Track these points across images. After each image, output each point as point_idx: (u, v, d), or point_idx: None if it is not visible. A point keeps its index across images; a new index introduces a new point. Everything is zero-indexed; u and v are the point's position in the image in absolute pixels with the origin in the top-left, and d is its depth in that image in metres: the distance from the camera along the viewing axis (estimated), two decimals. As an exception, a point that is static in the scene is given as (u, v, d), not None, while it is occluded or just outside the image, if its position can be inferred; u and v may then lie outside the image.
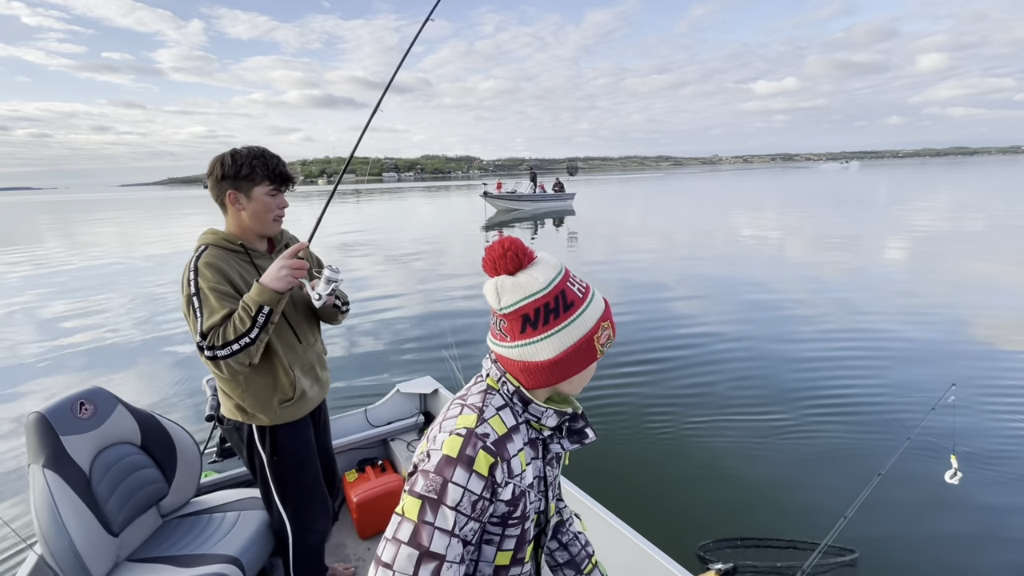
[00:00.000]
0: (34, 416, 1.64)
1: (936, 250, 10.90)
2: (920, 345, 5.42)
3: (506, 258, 0.85)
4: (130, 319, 7.70)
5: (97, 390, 1.81)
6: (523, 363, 0.85)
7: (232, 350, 1.44)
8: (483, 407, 0.86)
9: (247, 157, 1.55)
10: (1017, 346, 5.29)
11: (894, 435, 3.60)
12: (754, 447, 3.59)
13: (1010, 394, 4.19)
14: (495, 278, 0.86)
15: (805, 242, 12.69)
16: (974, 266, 9.25)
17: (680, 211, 23.92)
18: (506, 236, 0.87)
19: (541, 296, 0.84)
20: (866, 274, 8.90)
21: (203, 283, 1.49)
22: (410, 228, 19.79)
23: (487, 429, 0.83)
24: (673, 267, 10.09)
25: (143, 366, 5.74)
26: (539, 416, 0.89)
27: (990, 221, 15.65)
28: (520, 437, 0.87)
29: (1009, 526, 2.69)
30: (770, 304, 7.18)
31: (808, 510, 2.88)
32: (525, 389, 0.88)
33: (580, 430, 0.95)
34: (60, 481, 1.60)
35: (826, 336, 5.79)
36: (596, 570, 1.18)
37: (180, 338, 6.61)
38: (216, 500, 2.02)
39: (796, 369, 4.91)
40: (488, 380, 0.91)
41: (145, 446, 1.88)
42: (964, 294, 7.38)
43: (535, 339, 0.84)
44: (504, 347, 0.88)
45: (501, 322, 0.87)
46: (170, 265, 12.50)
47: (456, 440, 0.80)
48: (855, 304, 7.07)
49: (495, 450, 0.81)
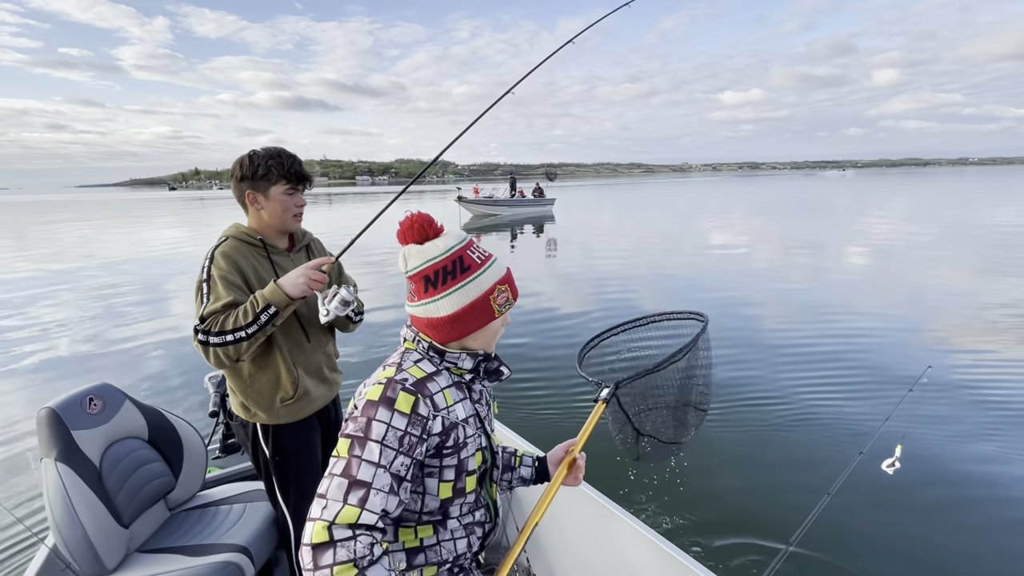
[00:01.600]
0: (45, 411, 1.67)
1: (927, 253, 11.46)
2: (890, 337, 5.82)
3: (413, 229, 0.99)
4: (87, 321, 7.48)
5: (105, 386, 1.85)
6: (428, 319, 0.98)
7: (224, 340, 1.47)
8: (400, 362, 0.99)
9: (264, 158, 1.62)
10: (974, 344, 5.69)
11: (867, 423, 3.85)
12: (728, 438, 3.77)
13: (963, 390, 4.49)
14: (405, 246, 1.00)
15: (826, 251, 12.71)
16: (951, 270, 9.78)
17: (675, 218, 23.97)
18: (417, 212, 1.00)
19: (439, 260, 0.97)
20: (864, 270, 9.44)
21: (215, 271, 1.54)
22: (386, 233, 19.61)
23: (405, 375, 0.95)
24: (676, 279, 9.93)
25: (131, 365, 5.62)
26: (455, 361, 1.01)
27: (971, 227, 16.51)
28: (442, 379, 0.99)
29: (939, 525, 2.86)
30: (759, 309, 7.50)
31: (786, 495, 3.03)
32: (437, 343, 1.00)
33: (496, 369, 1.07)
34: (72, 474, 1.64)
35: (799, 330, 6.14)
36: (525, 457, 1.28)
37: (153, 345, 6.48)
38: (222, 493, 2.06)
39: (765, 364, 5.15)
40: (405, 344, 1.04)
41: (152, 440, 1.92)
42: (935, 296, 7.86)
43: (435, 298, 0.97)
44: (412, 307, 1.01)
45: (410, 284, 1.00)
46: (131, 267, 12.13)
47: (377, 388, 0.92)
48: (830, 301, 7.52)
49: (414, 389, 0.93)
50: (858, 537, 2.74)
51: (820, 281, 9.21)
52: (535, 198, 26.94)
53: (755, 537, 2.73)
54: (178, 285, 10.14)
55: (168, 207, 47.11)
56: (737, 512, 2.97)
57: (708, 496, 3.12)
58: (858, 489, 2.80)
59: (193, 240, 18.59)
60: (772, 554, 1.99)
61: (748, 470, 3.43)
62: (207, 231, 21.58)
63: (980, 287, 8.34)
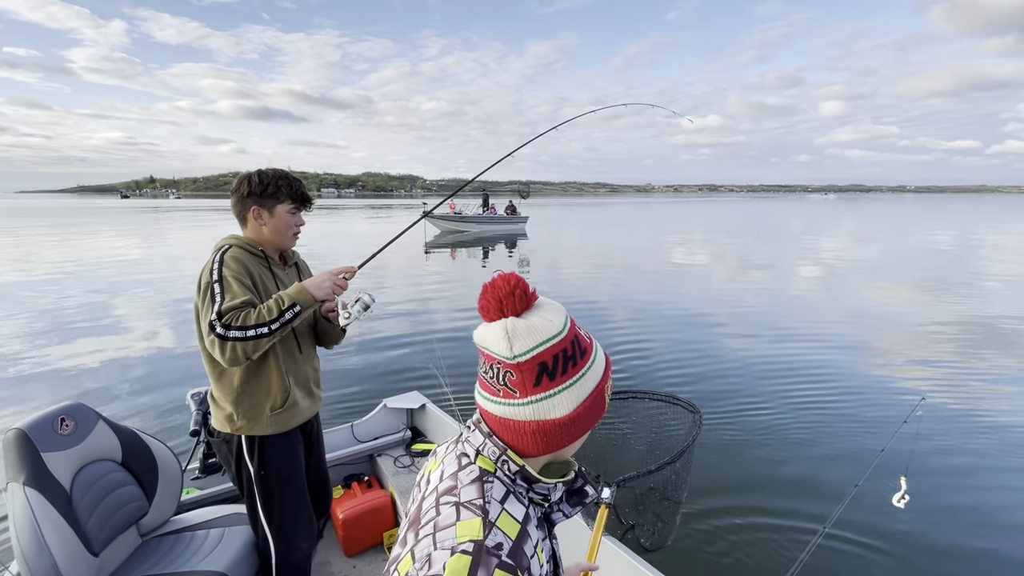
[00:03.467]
0: (14, 433, 1.58)
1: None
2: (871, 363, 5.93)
3: (514, 296, 0.73)
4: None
5: (78, 405, 1.77)
6: (536, 423, 0.72)
7: (246, 335, 1.48)
8: (486, 505, 0.69)
9: (273, 178, 1.69)
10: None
11: (862, 451, 3.85)
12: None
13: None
14: (501, 320, 0.73)
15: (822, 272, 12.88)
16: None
17: (656, 238, 23.60)
18: (508, 272, 0.76)
19: (560, 340, 0.73)
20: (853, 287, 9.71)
21: (227, 271, 1.56)
22: (351, 246, 19.11)
23: (498, 537, 0.66)
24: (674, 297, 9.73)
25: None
26: (546, 493, 0.76)
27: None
28: (532, 528, 0.72)
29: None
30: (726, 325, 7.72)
31: (779, 532, 2.95)
32: (529, 464, 0.75)
33: (580, 489, 0.83)
34: (41, 499, 1.55)
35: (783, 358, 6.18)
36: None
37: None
38: (199, 517, 1.98)
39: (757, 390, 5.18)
40: (480, 462, 0.74)
41: (126, 463, 1.84)
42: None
43: (552, 392, 0.72)
44: (510, 405, 0.73)
45: (507, 374, 0.72)
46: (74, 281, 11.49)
47: (462, 560, 0.62)
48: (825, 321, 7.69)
49: (512, 563, 0.65)
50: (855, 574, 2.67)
51: (822, 308, 9.05)
52: (508, 215, 26.42)
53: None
54: (129, 300, 9.66)
55: (118, 215, 44.80)
56: (729, 551, 2.88)
57: (699, 534, 3.02)
58: (855, 524, 2.79)
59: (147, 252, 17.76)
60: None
61: (740, 509, 3.31)
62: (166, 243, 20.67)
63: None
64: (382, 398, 3.01)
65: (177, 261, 15.55)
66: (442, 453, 0.81)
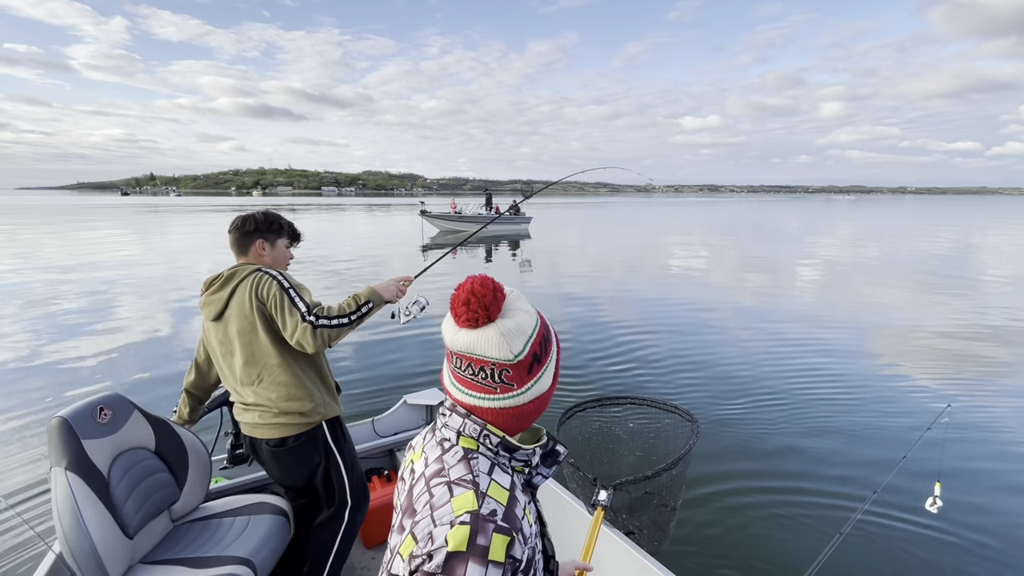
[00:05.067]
0: (57, 420, 1.66)
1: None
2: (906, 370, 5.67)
3: (496, 300, 0.75)
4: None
5: (115, 395, 1.84)
6: (533, 402, 0.78)
7: (331, 324, 1.76)
8: (475, 479, 0.73)
9: (275, 218, 1.99)
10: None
11: (885, 457, 3.77)
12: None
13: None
14: (490, 326, 0.74)
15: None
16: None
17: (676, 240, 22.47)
18: (478, 275, 0.77)
19: (540, 327, 0.78)
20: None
21: (291, 281, 1.81)
22: (347, 247, 18.81)
23: (491, 504, 0.70)
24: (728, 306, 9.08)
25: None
26: (526, 459, 0.80)
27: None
28: (519, 492, 0.77)
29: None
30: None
31: (795, 536, 2.90)
32: (509, 436, 0.78)
33: (552, 450, 0.86)
34: (82, 483, 1.63)
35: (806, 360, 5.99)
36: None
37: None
38: (226, 505, 2.06)
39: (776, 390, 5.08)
40: (462, 442, 0.78)
41: (159, 451, 1.92)
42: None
43: (541, 373, 0.78)
44: (510, 398, 0.76)
45: (504, 372, 0.75)
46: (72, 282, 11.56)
47: (462, 530, 0.67)
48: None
49: (507, 526, 0.69)
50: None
51: (845, 312, 8.66)
52: (511, 215, 25.39)
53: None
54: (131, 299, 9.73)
55: (120, 214, 44.80)
56: (744, 556, 2.85)
57: (712, 537, 2.98)
58: (871, 533, 2.74)
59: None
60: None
61: (755, 510, 3.25)
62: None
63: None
64: (402, 394, 3.04)
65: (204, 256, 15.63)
66: (421, 444, 0.85)
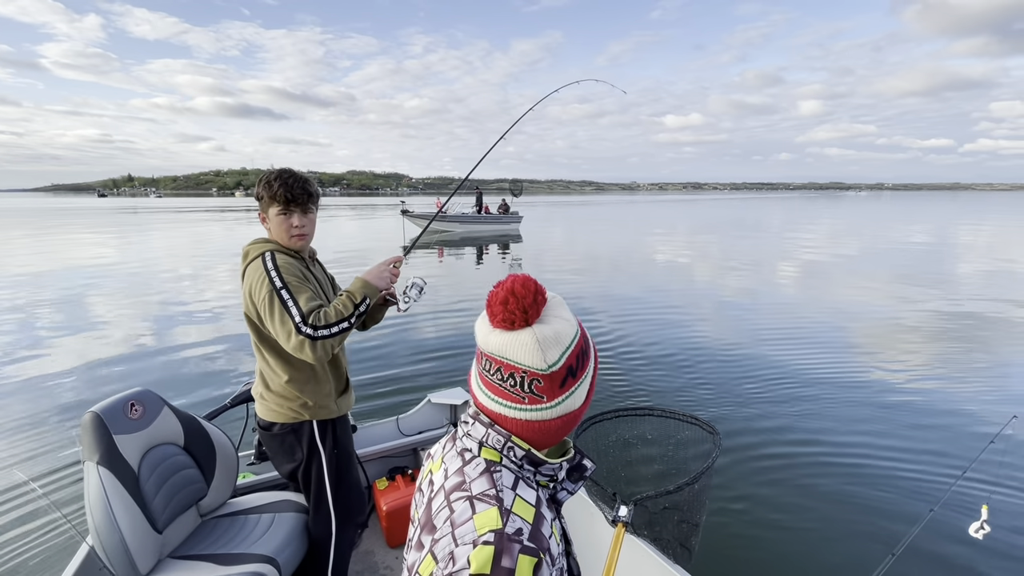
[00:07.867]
0: (90, 416, 1.67)
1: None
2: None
3: (537, 303, 0.70)
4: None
5: (146, 392, 1.85)
6: (562, 419, 0.72)
7: (332, 332, 1.55)
8: (499, 494, 0.68)
9: (264, 180, 1.67)
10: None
11: (937, 470, 3.52)
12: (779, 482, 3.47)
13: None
14: (527, 330, 0.69)
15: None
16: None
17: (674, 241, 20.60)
18: (521, 274, 0.72)
19: (579, 339, 0.72)
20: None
21: (288, 277, 1.59)
22: (333, 245, 18.23)
23: (517, 523, 0.65)
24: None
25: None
26: (552, 474, 0.75)
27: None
28: (545, 510, 0.71)
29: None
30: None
31: (843, 557, 2.74)
32: (535, 449, 0.73)
33: (579, 464, 0.81)
34: (112, 478, 1.64)
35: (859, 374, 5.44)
36: None
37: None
38: (252, 502, 2.08)
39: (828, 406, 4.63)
40: (485, 453, 0.73)
41: (188, 447, 1.93)
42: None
43: (575, 387, 0.72)
44: (538, 410, 0.70)
45: (535, 382, 0.69)
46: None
47: (485, 551, 0.61)
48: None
49: (534, 547, 0.64)
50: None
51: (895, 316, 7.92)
52: (500, 214, 24.44)
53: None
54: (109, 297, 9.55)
55: (98, 216, 43.68)
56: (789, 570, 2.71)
57: (756, 559, 2.84)
58: (926, 553, 2.60)
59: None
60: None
61: (799, 529, 3.04)
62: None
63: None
64: (427, 393, 3.03)
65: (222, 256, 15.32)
66: (440, 453, 0.80)
